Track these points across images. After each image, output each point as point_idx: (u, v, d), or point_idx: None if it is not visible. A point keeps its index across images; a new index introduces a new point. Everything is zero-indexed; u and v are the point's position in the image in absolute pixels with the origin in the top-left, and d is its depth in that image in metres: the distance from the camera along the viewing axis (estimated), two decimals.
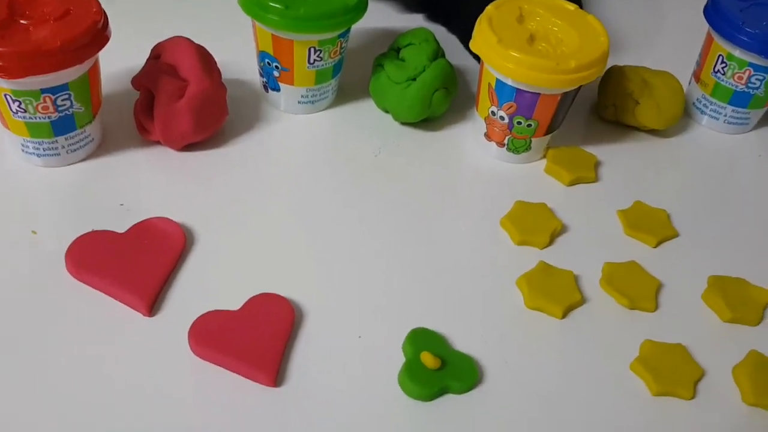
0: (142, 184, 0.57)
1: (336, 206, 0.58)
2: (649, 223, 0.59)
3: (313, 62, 0.61)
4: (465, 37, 0.65)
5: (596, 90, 0.68)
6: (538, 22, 0.60)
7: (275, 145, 0.62)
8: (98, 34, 0.53)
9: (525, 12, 0.60)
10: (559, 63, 0.55)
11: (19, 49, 0.49)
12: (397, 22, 0.77)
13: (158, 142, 0.59)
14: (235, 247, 0.54)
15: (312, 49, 0.60)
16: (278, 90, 0.64)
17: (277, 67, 0.62)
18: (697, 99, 0.69)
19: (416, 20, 0.77)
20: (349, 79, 0.68)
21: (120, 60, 0.62)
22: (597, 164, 0.64)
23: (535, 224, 0.57)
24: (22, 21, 0.52)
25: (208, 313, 0.48)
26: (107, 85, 0.61)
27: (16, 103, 0.53)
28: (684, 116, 0.70)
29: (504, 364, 0.49)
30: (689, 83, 0.70)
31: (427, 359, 0.46)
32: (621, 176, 0.63)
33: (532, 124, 0.60)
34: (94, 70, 0.56)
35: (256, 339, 0.47)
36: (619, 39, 0.78)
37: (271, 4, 0.57)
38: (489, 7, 0.60)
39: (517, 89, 0.57)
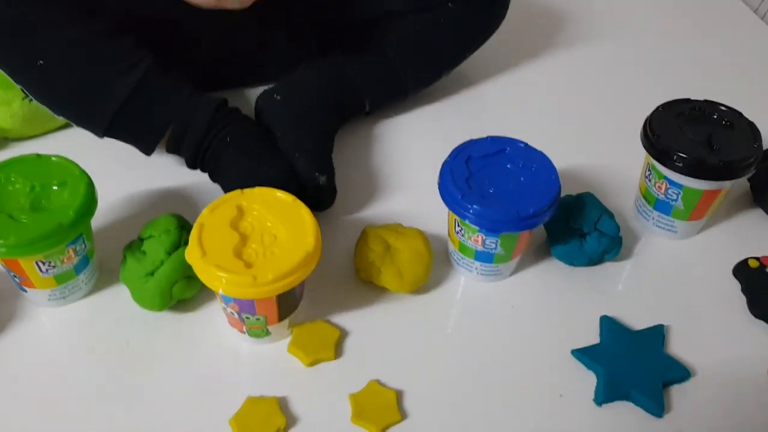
0: None
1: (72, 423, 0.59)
2: (377, 408, 0.60)
3: (47, 271, 0.62)
4: None
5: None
6: (254, 217, 0.61)
7: (23, 349, 0.64)
8: None
9: (244, 208, 0.62)
10: (257, 276, 0.57)
11: None
12: (179, 178, 0.78)
13: None
14: None
15: (39, 263, 0.61)
16: (26, 291, 0.65)
17: (14, 276, 0.63)
18: (452, 251, 0.71)
19: (196, 175, 0.78)
20: (116, 259, 0.69)
21: None
22: (340, 338, 0.65)
23: (261, 424, 0.59)
24: None
25: None
26: None
27: None
28: (448, 267, 0.72)
29: None
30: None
31: None
32: (363, 351, 0.65)
33: (261, 318, 0.61)
34: None
35: None
36: (400, 181, 0.80)
37: None
38: (204, 212, 0.61)
39: None
